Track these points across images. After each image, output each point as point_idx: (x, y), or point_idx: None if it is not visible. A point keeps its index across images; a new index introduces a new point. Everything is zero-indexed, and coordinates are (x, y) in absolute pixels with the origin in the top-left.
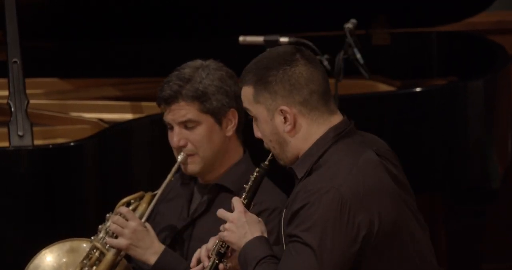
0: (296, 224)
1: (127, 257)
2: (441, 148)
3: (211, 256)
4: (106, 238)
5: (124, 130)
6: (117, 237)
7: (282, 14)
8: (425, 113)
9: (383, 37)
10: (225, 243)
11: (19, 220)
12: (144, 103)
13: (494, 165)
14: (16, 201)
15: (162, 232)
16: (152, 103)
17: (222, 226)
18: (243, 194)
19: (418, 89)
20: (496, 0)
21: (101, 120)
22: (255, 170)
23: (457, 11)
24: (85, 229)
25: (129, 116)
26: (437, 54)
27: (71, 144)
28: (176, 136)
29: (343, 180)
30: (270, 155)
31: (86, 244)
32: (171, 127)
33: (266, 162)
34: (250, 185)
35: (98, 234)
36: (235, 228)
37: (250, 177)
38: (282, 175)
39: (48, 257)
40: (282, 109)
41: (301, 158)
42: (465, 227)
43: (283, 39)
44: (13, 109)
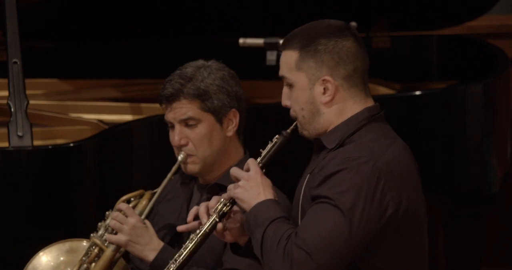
0: (329, 185)
1: (126, 258)
2: (440, 151)
3: (212, 213)
4: (106, 234)
5: (123, 132)
6: (116, 234)
7: (282, 17)
8: (424, 116)
9: (383, 40)
10: (230, 203)
11: (19, 220)
12: (143, 105)
13: (493, 168)
14: (15, 202)
15: (161, 231)
16: (151, 105)
17: (233, 184)
18: (259, 158)
19: (417, 92)
20: (496, 4)
21: (100, 121)
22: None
23: (457, 15)
24: (84, 230)
25: (128, 117)
26: (437, 58)
27: (71, 144)
28: (177, 135)
29: (381, 155)
30: (294, 124)
31: (86, 244)
32: (172, 127)
33: (289, 130)
34: (267, 150)
35: (97, 231)
36: (249, 186)
37: (269, 142)
38: (281, 172)
39: (47, 257)
40: (325, 79)
41: (331, 130)
42: (464, 230)
43: None
44: (13, 109)
